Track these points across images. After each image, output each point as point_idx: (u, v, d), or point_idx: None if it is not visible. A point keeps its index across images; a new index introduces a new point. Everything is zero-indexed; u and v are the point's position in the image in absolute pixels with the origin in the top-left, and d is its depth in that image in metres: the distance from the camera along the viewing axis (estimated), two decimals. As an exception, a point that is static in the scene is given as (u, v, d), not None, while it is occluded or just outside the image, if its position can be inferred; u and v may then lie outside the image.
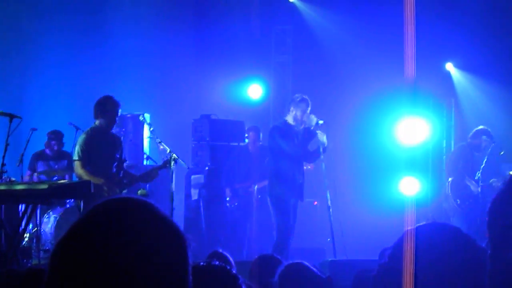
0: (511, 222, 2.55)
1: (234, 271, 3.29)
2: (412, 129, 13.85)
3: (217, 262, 3.22)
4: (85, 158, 9.69)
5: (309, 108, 10.86)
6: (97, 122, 9.83)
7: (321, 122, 10.81)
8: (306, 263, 4.43)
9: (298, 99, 10.91)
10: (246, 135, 13.62)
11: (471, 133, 12.87)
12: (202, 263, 3.14)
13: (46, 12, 14.98)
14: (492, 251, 2.52)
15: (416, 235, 2.31)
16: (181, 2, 16.67)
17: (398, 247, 2.34)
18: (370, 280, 2.59)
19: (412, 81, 11.78)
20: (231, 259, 6.03)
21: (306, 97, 10.95)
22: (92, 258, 1.69)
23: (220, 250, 6.08)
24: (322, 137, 10.77)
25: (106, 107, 9.78)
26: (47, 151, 12.46)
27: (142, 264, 1.70)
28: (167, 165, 10.12)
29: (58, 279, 1.70)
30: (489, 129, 12.77)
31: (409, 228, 2.40)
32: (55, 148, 12.42)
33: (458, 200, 12.66)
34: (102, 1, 15.51)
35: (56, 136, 12.44)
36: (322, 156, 10.87)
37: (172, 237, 1.78)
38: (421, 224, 2.41)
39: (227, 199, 13.25)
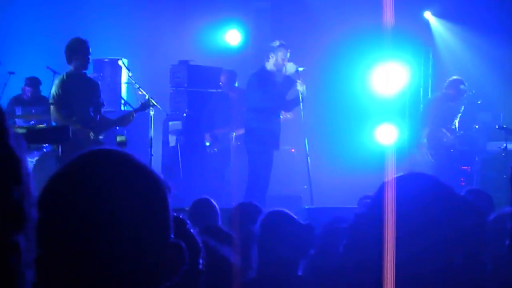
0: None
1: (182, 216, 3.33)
2: (390, 75, 13.89)
3: None
4: (60, 102, 9.66)
5: (288, 54, 10.81)
6: (71, 66, 9.78)
7: (301, 69, 10.77)
8: (287, 211, 4.47)
9: (276, 45, 10.85)
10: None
11: (446, 83, 12.87)
12: None
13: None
14: None
15: (395, 186, 2.33)
16: None
17: (377, 198, 2.36)
18: (345, 230, 2.62)
19: (390, 26, 11.79)
20: (216, 206, 6.10)
21: (284, 43, 10.90)
22: (73, 210, 1.73)
23: (207, 198, 6.15)
24: (302, 85, 10.74)
25: (75, 49, 9.69)
26: (25, 96, 12.39)
27: (124, 215, 1.73)
28: (145, 109, 10.11)
29: (41, 230, 1.72)
30: (462, 79, 12.79)
31: (388, 179, 2.41)
32: (29, 94, 12.34)
33: (432, 150, 12.70)
34: None
35: (31, 82, 12.36)
36: (301, 105, 10.86)
37: (153, 187, 1.81)
38: (398, 175, 2.43)
39: (207, 144, 13.26)
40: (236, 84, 13.39)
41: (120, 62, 11.62)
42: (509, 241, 2.54)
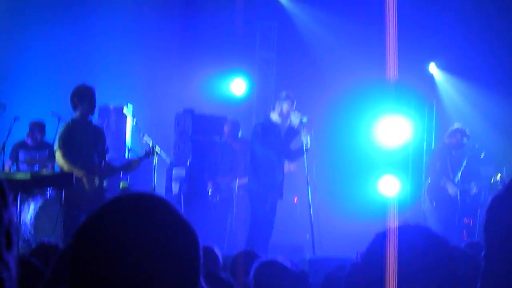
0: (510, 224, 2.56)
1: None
2: (393, 128, 13.93)
3: None
4: (65, 148, 9.67)
5: (294, 106, 10.90)
6: (77, 113, 9.82)
7: (304, 119, 10.84)
8: (280, 259, 4.45)
9: (283, 96, 10.95)
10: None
11: (447, 133, 12.90)
12: None
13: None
14: (487, 252, 2.55)
15: (388, 238, 2.36)
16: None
17: (371, 249, 2.39)
18: (342, 279, 2.64)
19: (394, 80, 11.89)
20: (219, 254, 6.08)
21: (291, 94, 10.99)
22: (106, 254, 1.73)
23: (210, 245, 6.13)
24: (306, 136, 10.80)
25: (81, 95, 9.72)
26: (29, 141, 12.44)
27: (156, 261, 1.74)
28: (149, 156, 10.14)
29: (74, 273, 1.74)
30: (464, 128, 12.80)
31: (386, 229, 2.44)
32: (37, 139, 12.41)
33: (434, 202, 12.68)
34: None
35: (38, 127, 12.42)
36: (305, 156, 10.89)
37: (186, 234, 1.84)
38: (393, 226, 2.45)
39: (209, 193, 13.27)
40: (240, 135, 13.42)
41: (125, 110, 11.68)
42: (480, 284, 2.55)
